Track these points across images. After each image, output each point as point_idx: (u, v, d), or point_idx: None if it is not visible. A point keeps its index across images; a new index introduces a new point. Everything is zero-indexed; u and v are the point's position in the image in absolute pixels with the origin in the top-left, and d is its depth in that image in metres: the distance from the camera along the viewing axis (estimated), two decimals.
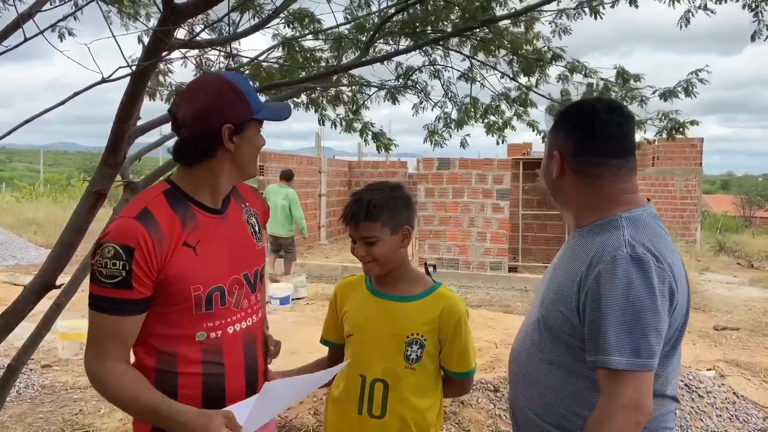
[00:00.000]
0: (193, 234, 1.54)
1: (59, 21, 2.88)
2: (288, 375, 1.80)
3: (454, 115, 4.60)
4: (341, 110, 4.77)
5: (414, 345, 1.86)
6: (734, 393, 4.41)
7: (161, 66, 3.92)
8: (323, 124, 4.80)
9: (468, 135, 4.65)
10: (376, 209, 1.84)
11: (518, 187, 12.08)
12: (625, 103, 4.17)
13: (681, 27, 3.70)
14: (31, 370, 5.36)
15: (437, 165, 11.40)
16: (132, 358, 1.54)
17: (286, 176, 10.06)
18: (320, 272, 11.41)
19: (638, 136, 4.39)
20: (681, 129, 4.03)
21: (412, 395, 1.87)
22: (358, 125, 4.46)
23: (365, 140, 4.43)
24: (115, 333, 1.46)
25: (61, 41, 3.63)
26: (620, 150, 1.59)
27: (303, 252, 13.72)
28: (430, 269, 2.09)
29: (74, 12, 3.04)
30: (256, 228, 1.74)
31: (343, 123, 4.51)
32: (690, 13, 3.62)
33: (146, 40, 2.85)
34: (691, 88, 3.86)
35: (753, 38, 3.61)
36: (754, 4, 3.45)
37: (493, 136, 4.55)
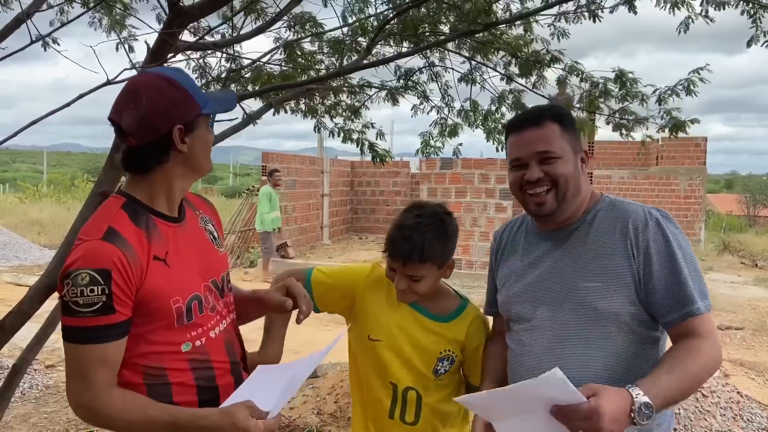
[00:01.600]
0: (159, 246, 1.47)
1: (55, 30, 2.89)
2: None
3: (453, 119, 4.61)
4: (339, 120, 4.79)
5: (445, 361, 1.87)
6: (738, 392, 4.41)
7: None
8: (319, 131, 4.83)
9: (461, 144, 4.67)
10: (430, 252, 1.76)
11: None
12: (626, 102, 4.19)
13: (680, 32, 3.71)
14: (35, 370, 5.38)
15: (440, 165, 11.40)
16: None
17: (268, 173, 10.67)
18: None
19: (640, 135, 4.41)
20: (682, 127, 4.04)
21: (442, 403, 1.88)
22: (354, 135, 4.47)
23: (362, 150, 4.44)
24: (101, 362, 1.38)
25: (45, 50, 3.67)
26: None
27: (306, 252, 13.74)
28: None
29: (63, 25, 3.05)
30: (215, 234, 1.69)
31: (341, 133, 4.52)
32: (690, 20, 3.63)
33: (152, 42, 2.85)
34: (692, 87, 3.87)
35: (749, 44, 3.63)
36: (752, 11, 3.46)
37: (493, 143, 4.56)
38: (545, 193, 1.63)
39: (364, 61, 3.52)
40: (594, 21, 3.79)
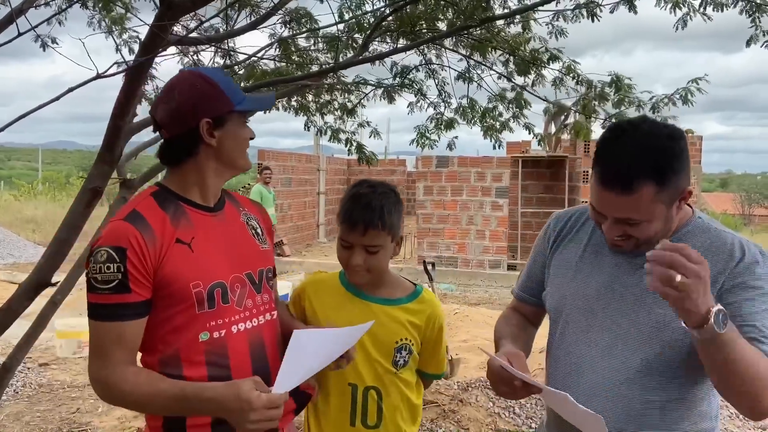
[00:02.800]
0: (185, 231, 1.51)
1: (40, 23, 2.86)
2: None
3: (448, 115, 4.60)
4: (329, 118, 4.77)
5: (403, 351, 1.81)
6: None
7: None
8: (308, 130, 4.82)
9: (456, 137, 4.66)
10: (389, 216, 1.73)
11: (517, 184, 12.06)
12: (623, 108, 4.18)
13: (677, 29, 3.71)
14: (28, 368, 5.35)
15: (436, 163, 11.39)
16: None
17: (258, 171, 10.69)
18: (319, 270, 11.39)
19: None
20: None
21: (402, 401, 1.83)
22: (343, 135, 4.45)
23: (349, 150, 4.44)
24: (118, 340, 1.42)
25: (44, 50, 3.65)
26: None
27: (302, 250, 13.72)
28: (429, 267, 2.06)
29: (52, 17, 3.01)
30: (258, 230, 1.70)
31: (329, 132, 4.50)
32: (689, 17, 3.63)
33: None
34: (690, 96, 3.89)
35: (749, 43, 3.63)
36: (751, 11, 3.46)
37: (491, 140, 4.55)
38: (623, 240, 1.46)
39: (360, 57, 3.49)
40: (593, 20, 3.78)
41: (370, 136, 4.66)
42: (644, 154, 1.37)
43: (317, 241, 15.26)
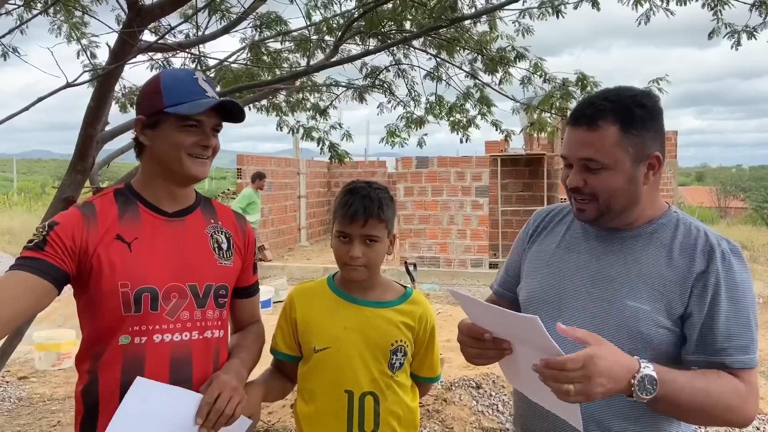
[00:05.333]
0: (130, 230, 1.50)
1: (7, 33, 2.82)
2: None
3: (418, 113, 4.65)
4: (302, 117, 4.78)
5: (398, 353, 1.80)
6: None
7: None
8: (281, 130, 4.81)
9: (425, 134, 4.70)
10: (386, 208, 1.76)
11: (497, 183, 12.14)
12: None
13: (639, 23, 3.77)
14: (7, 382, 5.26)
15: (416, 164, 11.42)
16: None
17: (254, 177, 10.68)
18: (301, 274, 11.35)
19: None
20: None
21: (398, 405, 1.83)
22: (316, 134, 4.46)
23: (321, 149, 4.45)
24: (11, 285, 1.38)
25: (5, 60, 3.61)
26: None
27: (284, 254, 13.65)
28: (411, 268, 2.07)
29: (16, 27, 2.98)
30: (224, 246, 1.63)
31: (301, 130, 4.50)
32: (651, 12, 3.69)
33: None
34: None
35: (710, 36, 3.68)
36: (712, 4, 3.52)
37: (457, 134, 4.59)
38: (586, 202, 1.46)
39: (332, 60, 3.50)
40: (558, 17, 3.84)
41: (342, 139, 4.69)
42: (614, 98, 1.44)
43: (299, 245, 15.20)
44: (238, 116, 1.59)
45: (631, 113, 1.41)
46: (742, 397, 1.36)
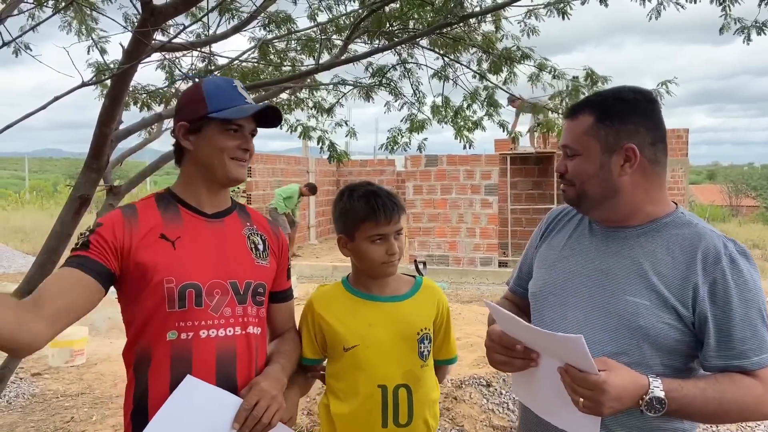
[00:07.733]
0: (173, 229, 1.56)
1: (23, 34, 2.85)
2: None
3: (424, 114, 4.64)
4: (302, 116, 4.79)
5: (425, 341, 1.85)
6: None
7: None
8: (281, 128, 4.83)
9: (425, 139, 4.70)
10: (401, 202, 1.86)
11: (506, 181, 12.11)
12: None
13: (651, 19, 3.76)
14: (21, 378, 5.32)
15: (425, 162, 11.41)
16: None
17: (309, 186, 12.64)
18: (311, 272, 11.38)
19: None
20: None
21: (428, 393, 1.86)
22: (315, 134, 4.47)
23: (321, 149, 4.46)
24: (58, 281, 1.45)
25: (17, 56, 3.64)
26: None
27: (293, 252, 13.69)
28: (420, 266, 2.10)
29: (32, 28, 3.01)
30: (260, 246, 1.69)
31: (299, 129, 4.51)
32: (662, 6, 3.68)
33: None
34: (659, 98, 3.95)
35: (721, 31, 3.67)
36: (721, 0, 3.50)
37: (461, 141, 4.59)
38: (567, 186, 1.57)
39: (341, 58, 3.52)
40: (563, 18, 3.85)
41: (347, 136, 4.71)
42: (601, 93, 1.58)
43: (308, 243, 15.24)
44: (273, 122, 1.67)
45: (608, 106, 1.49)
46: (757, 398, 1.38)
